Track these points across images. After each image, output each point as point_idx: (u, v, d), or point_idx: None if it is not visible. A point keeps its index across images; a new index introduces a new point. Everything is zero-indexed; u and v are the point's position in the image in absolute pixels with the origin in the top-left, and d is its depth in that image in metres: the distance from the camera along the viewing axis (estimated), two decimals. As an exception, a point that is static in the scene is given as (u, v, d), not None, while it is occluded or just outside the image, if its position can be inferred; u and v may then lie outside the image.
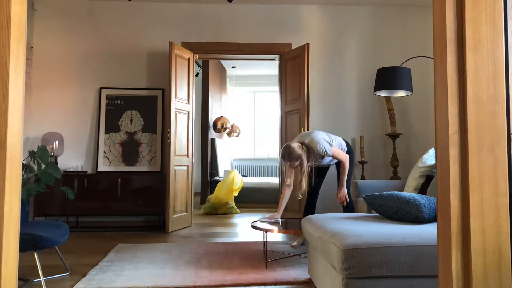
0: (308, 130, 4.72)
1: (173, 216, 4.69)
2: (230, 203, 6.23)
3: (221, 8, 5.29)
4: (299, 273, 2.94)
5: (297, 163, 3.41)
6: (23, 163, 3.89)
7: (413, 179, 3.79)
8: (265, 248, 3.24)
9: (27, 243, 2.51)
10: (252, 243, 3.99)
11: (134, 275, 2.88)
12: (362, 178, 5.04)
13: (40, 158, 4.02)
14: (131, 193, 4.77)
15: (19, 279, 2.80)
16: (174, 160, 4.72)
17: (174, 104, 4.77)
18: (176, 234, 4.51)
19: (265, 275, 2.87)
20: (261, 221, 3.48)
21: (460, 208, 1.01)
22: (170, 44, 4.71)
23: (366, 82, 5.32)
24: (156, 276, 2.87)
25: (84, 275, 2.88)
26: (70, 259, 3.36)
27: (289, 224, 3.47)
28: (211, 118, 7.78)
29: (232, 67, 8.78)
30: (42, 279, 2.52)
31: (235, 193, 6.38)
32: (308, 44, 4.81)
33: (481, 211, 1.00)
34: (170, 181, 4.64)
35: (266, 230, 3.20)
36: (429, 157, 3.80)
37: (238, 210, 6.32)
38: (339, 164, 3.70)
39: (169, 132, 4.69)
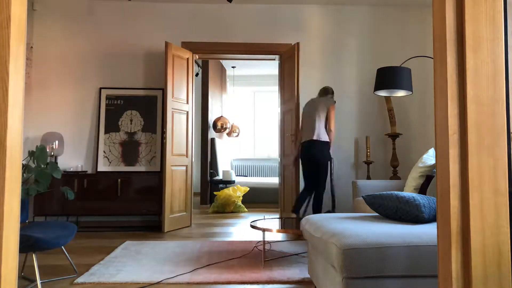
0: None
1: (170, 216, 4.69)
2: (238, 202, 6.30)
3: (221, 8, 5.29)
4: (294, 272, 2.94)
5: (329, 96, 4.52)
6: (22, 163, 3.88)
7: (413, 179, 3.78)
8: (263, 247, 3.25)
9: (22, 245, 2.49)
10: (254, 242, 4.00)
11: (134, 271, 2.93)
12: (368, 178, 5.03)
13: (37, 158, 4.00)
14: (131, 193, 4.77)
15: (24, 278, 2.81)
16: (171, 160, 4.72)
17: (171, 104, 4.77)
18: (174, 234, 4.51)
19: (260, 274, 2.89)
20: None
21: (460, 208, 1.01)
22: (166, 44, 4.71)
23: (366, 82, 5.32)
24: (155, 272, 2.93)
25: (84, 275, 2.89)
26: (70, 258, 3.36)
27: (287, 223, 3.47)
28: (211, 118, 7.78)
29: (232, 67, 8.78)
30: (38, 282, 2.51)
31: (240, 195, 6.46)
32: (298, 43, 4.81)
33: (481, 211, 1.00)
34: (167, 181, 4.64)
35: (264, 230, 3.21)
36: (429, 157, 3.80)
37: (245, 209, 6.36)
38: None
39: (165, 132, 4.69)
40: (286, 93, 5.09)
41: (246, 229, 4.87)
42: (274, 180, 7.60)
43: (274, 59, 5.47)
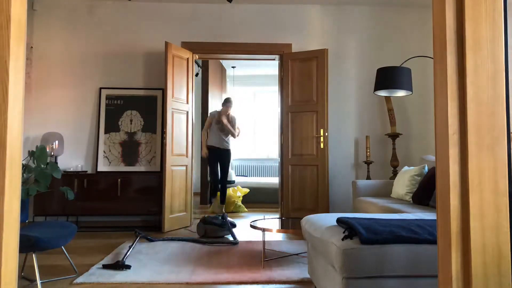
0: (327, 130, 5.09)
1: (170, 216, 4.69)
2: (238, 202, 6.30)
3: (221, 8, 5.29)
4: (294, 272, 2.94)
5: (230, 109, 6.01)
6: (22, 163, 3.88)
7: (405, 186, 3.87)
8: (263, 247, 3.25)
9: (22, 245, 2.48)
10: (254, 242, 4.00)
11: (134, 271, 2.92)
12: (368, 178, 5.03)
13: (37, 158, 4.00)
14: (131, 193, 4.77)
15: (24, 278, 2.80)
16: (171, 160, 4.72)
17: (171, 104, 4.77)
18: (174, 234, 4.51)
19: (260, 274, 2.89)
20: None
21: (460, 208, 1.01)
22: (166, 44, 4.71)
23: (366, 82, 5.32)
24: (155, 272, 2.92)
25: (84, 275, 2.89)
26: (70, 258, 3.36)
27: (286, 223, 3.47)
28: (211, 118, 7.76)
29: (232, 67, 8.77)
30: (38, 282, 2.51)
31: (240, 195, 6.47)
32: (327, 49, 4.99)
33: (481, 211, 1.00)
34: (167, 181, 4.64)
35: (264, 230, 3.21)
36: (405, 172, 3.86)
37: (245, 209, 6.36)
38: None
39: (165, 132, 4.69)
40: (297, 94, 5.09)
41: (246, 229, 4.87)
42: (274, 180, 7.59)
43: (274, 59, 5.47)
